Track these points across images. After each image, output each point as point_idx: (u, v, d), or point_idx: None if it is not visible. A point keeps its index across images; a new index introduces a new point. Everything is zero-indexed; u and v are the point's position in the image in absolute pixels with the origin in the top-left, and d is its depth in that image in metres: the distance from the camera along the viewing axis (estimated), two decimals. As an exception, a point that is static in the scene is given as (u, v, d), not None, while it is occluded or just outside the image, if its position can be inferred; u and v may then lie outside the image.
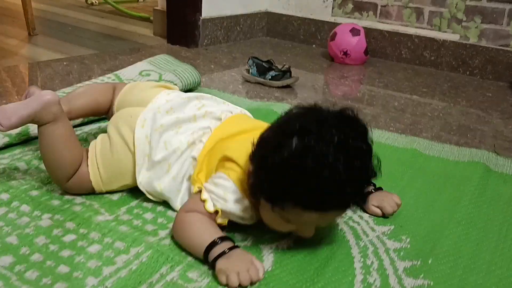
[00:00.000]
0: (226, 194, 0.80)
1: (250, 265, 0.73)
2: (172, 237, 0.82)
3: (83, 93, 1.11)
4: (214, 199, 0.81)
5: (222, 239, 0.76)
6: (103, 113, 1.12)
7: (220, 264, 0.73)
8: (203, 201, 0.81)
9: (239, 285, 0.71)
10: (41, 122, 0.88)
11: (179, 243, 0.80)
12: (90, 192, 0.93)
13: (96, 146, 0.93)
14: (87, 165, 0.92)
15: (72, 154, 0.91)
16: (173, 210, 0.91)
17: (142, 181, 0.90)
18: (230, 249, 0.75)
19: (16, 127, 0.88)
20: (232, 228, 0.86)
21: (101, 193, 0.94)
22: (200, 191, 0.82)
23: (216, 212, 0.81)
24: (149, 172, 0.89)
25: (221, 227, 0.82)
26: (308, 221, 0.77)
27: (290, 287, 0.72)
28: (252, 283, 0.72)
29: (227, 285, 0.71)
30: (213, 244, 0.75)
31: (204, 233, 0.77)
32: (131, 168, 0.91)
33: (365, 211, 0.96)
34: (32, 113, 0.87)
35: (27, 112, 0.86)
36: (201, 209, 0.81)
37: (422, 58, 2.27)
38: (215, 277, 0.73)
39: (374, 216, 0.94)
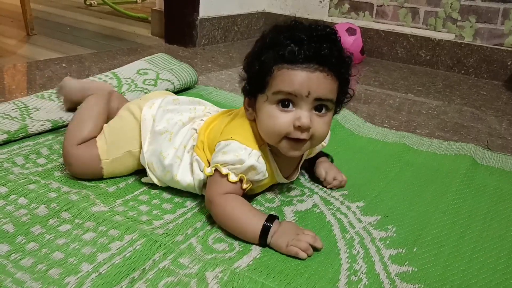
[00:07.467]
0: (238, 155, 0.84)
1: (300, 231, 0.80)
2: (167, 227, 0.84)
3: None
4: (232, 168, 0.84)
5: (269, 219, 0.81)
6: None
7: (278, 240, 0.79)
8: (226, 175, 0.84)
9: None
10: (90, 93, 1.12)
11: (225, 229, 0.84)
12: (95, 166, 0.98)
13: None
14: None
15: (94, 123, 1.03)
16: (169, 203, 0.93)
17: (147, 153, 0.95)
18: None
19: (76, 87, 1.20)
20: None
21: (106, 178, 1.01)
22: (216, 170, 0.85)
23: (241, 180, 0.85)
24: (153, 144, 0.95)
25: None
26: (299, 86, 0.80)
27: (277, 273, 0.74)
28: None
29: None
30: (266, 228, 0.80)
31: (250, 218, 0.82)
32: (135, 135, 0.98)
33: (314, 173, 1.05)
34: (93, 84, 1.21)
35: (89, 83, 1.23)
36: (228, 186, 0.84)
37: (417, 57, 2.29)
38: (205, 263, 0.75)
39: (319, 178, 1.03)
